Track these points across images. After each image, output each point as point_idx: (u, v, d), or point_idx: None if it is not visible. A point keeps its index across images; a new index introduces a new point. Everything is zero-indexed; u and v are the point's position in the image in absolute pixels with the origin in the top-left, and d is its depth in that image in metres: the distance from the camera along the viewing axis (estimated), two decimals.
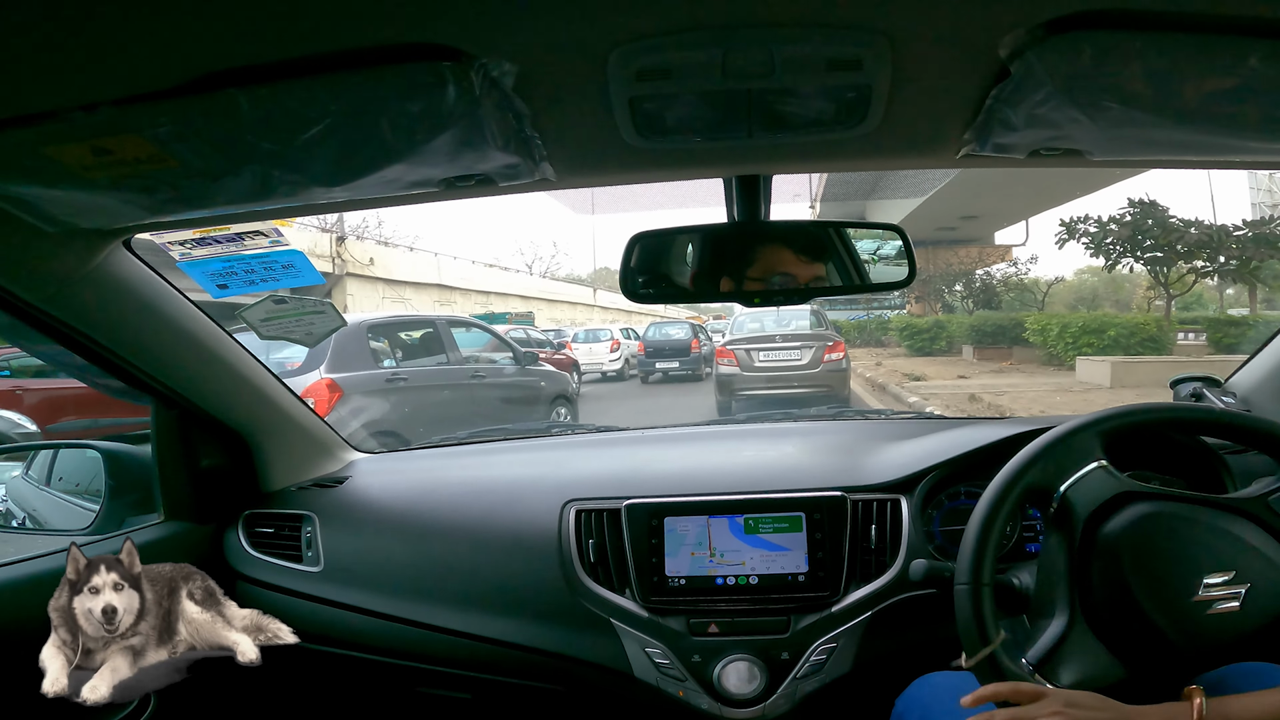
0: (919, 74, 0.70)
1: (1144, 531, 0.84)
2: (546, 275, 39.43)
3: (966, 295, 21.01)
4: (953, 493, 1.26)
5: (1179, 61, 0.64)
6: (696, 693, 1.17)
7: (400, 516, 1.42)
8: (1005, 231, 23.75)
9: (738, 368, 9.25)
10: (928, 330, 18.89)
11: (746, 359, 9.24)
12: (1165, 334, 12.31)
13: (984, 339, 16.70)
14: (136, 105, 0.65)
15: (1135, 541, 0.84)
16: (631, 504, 1.25)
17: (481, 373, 6.69)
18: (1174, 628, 0.81)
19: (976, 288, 20.60)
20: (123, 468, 1.48)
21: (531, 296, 27.44)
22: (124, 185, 0.78)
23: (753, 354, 9.25)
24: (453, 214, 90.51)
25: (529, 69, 0.66)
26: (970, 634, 0.85)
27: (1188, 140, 0.79)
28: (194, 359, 1.25)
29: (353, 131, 0.71)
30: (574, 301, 31.92)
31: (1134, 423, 0.89)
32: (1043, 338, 13.99)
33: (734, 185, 1.00)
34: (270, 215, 0.95)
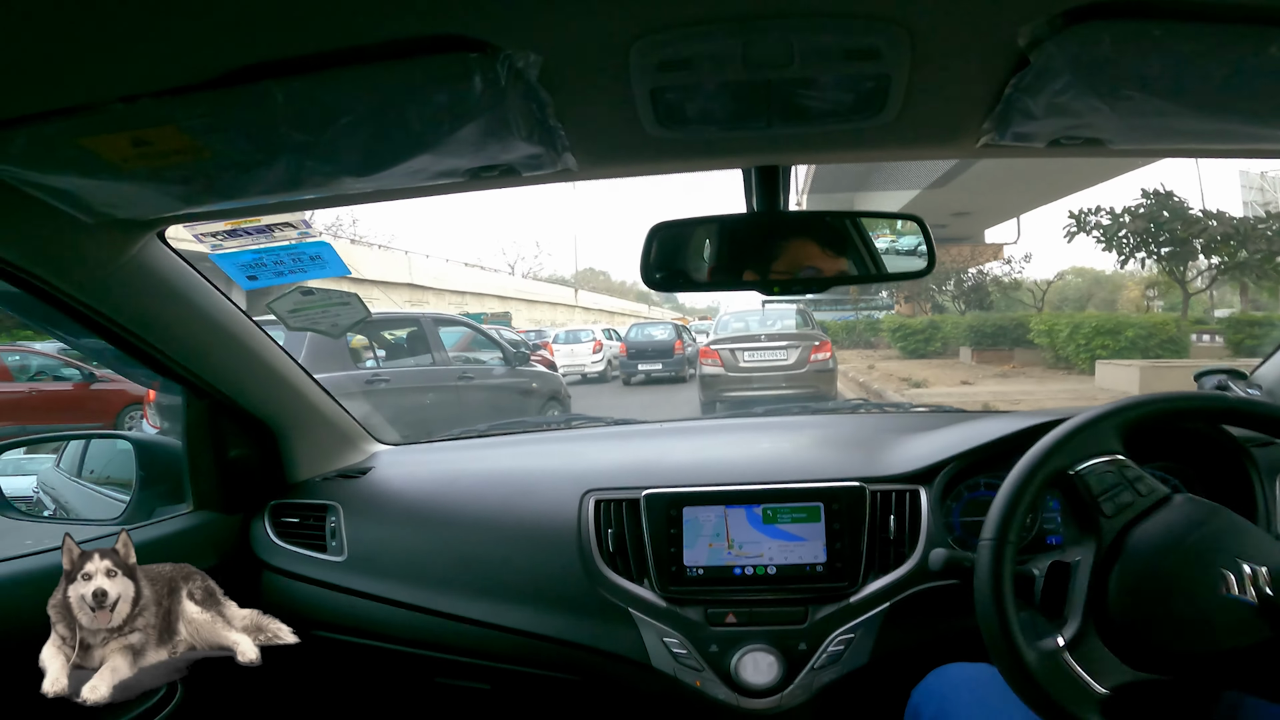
0: (938, 64, 0.70)
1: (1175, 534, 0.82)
2: (529, 275, 39.26)
3: (958, 295, 20.44)
4: (972, 484, 1.26)
5: (1199, 50, 0.65)
6: (714, 683, 1.17)
7: (422, 507, 1.43)
8: (996, 229, 23.05)
9: (722, 368, 9.06)
10: (922, 331, 18.25)
11: (731, 359, 9.06)
12: (1185, 335, 11.86)
13: (983, 340, 16.13)
14: (175, 97, 0.67)
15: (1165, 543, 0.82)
16: (650, 494, 1.26)
17: (470, 374, 6.42)
18: (1192, 610, 0.79)
19: (968, 287, 20.04)
20: (153, 458, 1.50)
21: (510, 296, 26.81)
22: (160, 176, 0.80)
23: (738, 354, 9.07)
24: (433, 214, 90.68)
25: (553, 61, 0.67)
26: (988, 615, 0.84)
27: (1208, 129, 0.79)
28: (225, 350, 1.27)
29: (382, 122, 0.73)
30: (554, 302, 31.29)
31: (1158, 411, 0.88)
32: (1050, 339, 13.41)
33: (753, 175, 1.01)
34: (300, 206, 0.97)
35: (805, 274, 1.06)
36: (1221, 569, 0.77)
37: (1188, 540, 0.80)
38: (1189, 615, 0.78)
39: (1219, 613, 0.77)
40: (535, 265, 44.06)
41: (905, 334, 18.39)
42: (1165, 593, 0.80)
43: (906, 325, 18.81)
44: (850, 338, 20.91)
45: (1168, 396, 0.89)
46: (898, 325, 19.09)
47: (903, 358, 17.44)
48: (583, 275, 57.51)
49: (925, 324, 18.70)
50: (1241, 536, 0.81)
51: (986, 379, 12.47)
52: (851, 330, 21.41)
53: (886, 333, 19.58)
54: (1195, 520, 0.82)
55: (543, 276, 39.90)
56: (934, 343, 17.78)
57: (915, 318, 20.19)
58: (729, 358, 9.07)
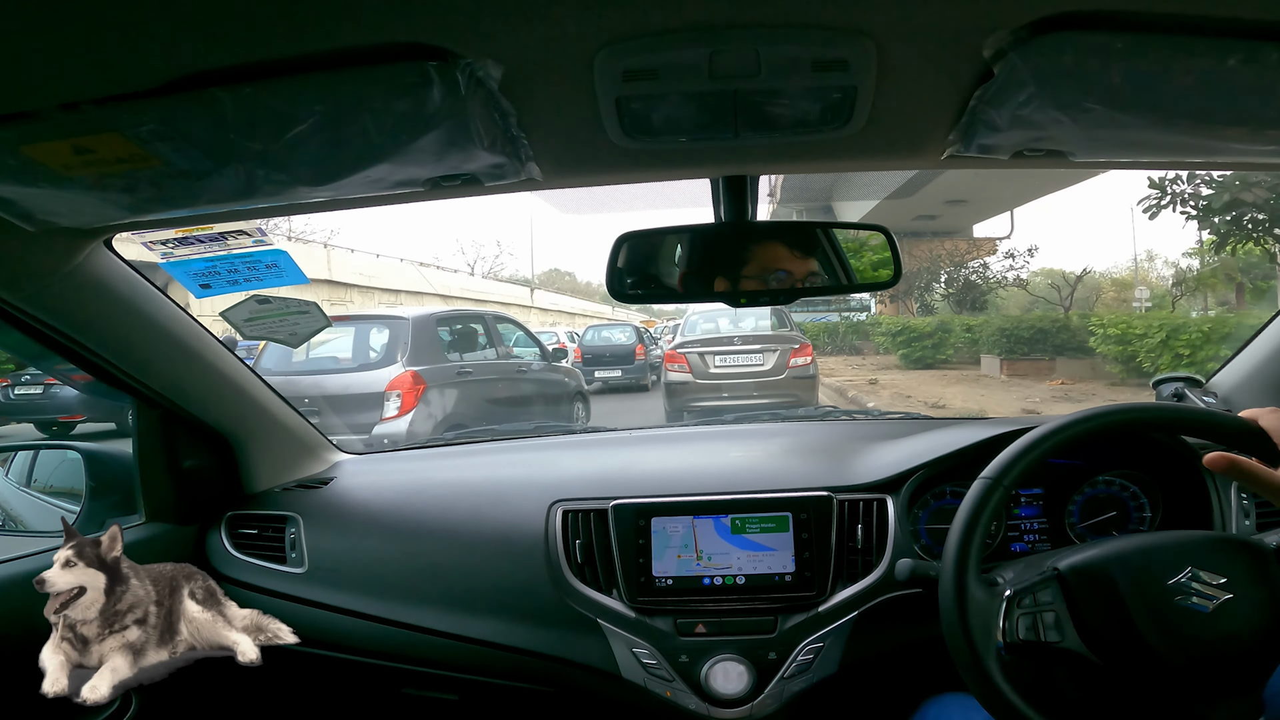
0: (904, 75, 0.70)
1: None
2: (489, 276, 37.51)
3: (949, 293, 18.01)
4: (938, 492, 1.27)
5: (1160, 62, 0.65)
6: (684, 693, 1.17)
7: (386, 517, 1.41)
8: (985, 224, 21.13)
9: (690, 374, 8.03)
10: (929, 335, 15.12)
11: (700, 364, 8.04)
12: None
13: (1016, 347, 12.84)
14: (119, 104, 0.65)
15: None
16: (618, 504, 1.25)
17: (522, 368, 6.79)
18: (1145, 611, 0.80)
19: (962, 285, 17.46)
20: (103, 469, 1.47)
21: (456, 296, 23.97)
22: (105, 184, 0.77)
23: (707, 358, 8.07)
24: (387, 212, 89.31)
25: (516, 69, 0.66)
26: (954, 629, 0.84)
27: (1169, 141, 0.80)
28: (176, 359, 1.24)
29: (338, 131, 0.71)
30: (506, 302, 27.90)
31: (1118, 422, 0.89)
32: (1121, 347, 10.21)
33: (720, 186, 1.00)
34: (254, 215, 0.94)
35: (774, 284, 1.06)
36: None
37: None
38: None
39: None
40: (496, 265, 42.13)
41: (909, 339, 15.17)
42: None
43: (911, 328, 15.59)
44: (833, 343, 18.55)
45: (1124, 408, 0.90)
46: (900, 328, 15.82)
47: (905, 368, 14.78)
48: (547, 276, 56.48)
49: (934, 326, 15.58)
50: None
51: (1046, 400, 9.65)
52: (833, 333, 18.83)
53: (884, 337, 16.61)
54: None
55: (503, 277, 38.26)
56: (944, 349, 14.90)
57: (916, 319, 17.30)
58: (698, 363, 8.09)
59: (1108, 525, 1.24)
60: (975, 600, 0.84)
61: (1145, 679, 0.79)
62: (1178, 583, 0.80)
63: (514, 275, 37.28)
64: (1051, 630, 0.83)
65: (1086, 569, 0.84)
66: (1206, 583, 0.80)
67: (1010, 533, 1.25)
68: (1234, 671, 0.78)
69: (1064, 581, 0.85)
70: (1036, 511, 1.27)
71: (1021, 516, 1.26)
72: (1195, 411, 0.91)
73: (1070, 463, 1.26)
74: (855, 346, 18.49)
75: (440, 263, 33.45)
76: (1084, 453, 1.25)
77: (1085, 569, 0.84)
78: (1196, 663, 0.78)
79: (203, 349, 1.26)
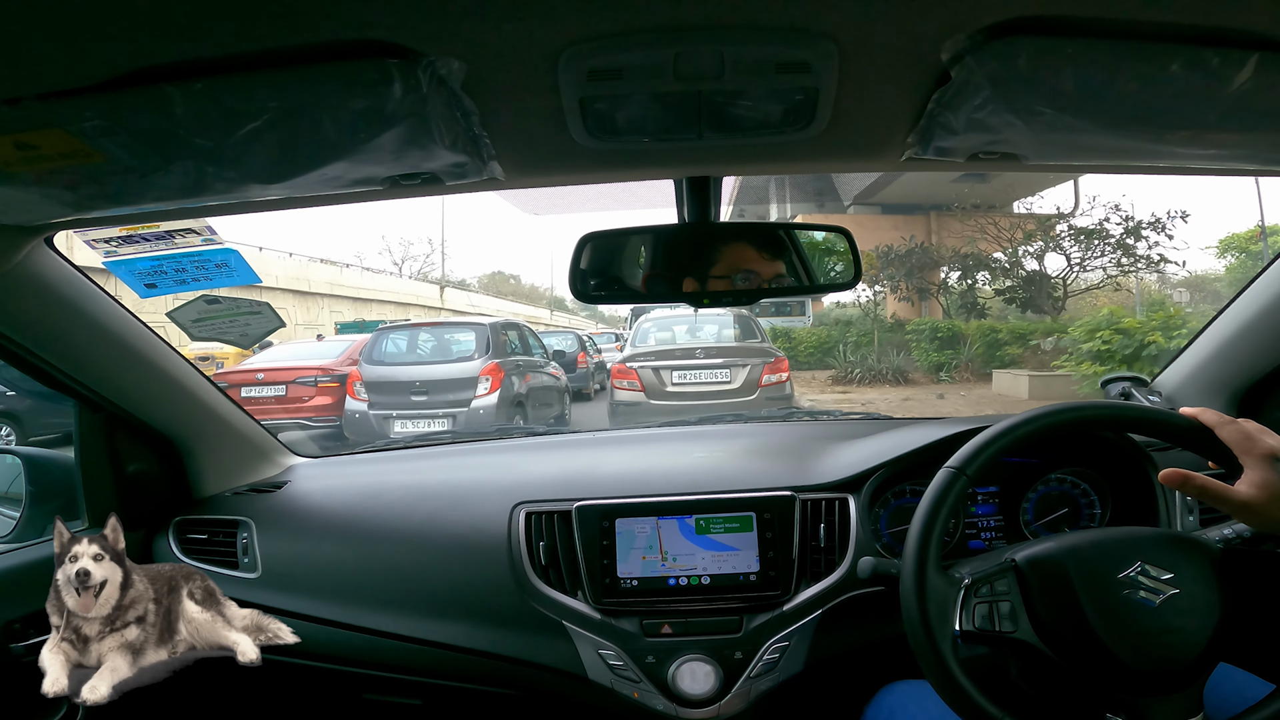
0: (865, 78, 0.71)
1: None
2: (419, 277, 34.85)
3: (1003, 289, 13.73)
4: (899, 491, 1.29)
5: (1108, 68, 0.67)
6: (651, 694, 1.17)
7: (342, 521, 1.38)
8: (1033, 198, 15.64)
9: (642, 393, 6.76)
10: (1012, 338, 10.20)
11: (655, 381, 6.78)
12: None
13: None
14: (62, 99, 0.62)
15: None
16: (582, 506, 1.24)
17: (542, 364, 8.42)
18: (1094, 603, 0.83)
19: (1023, 278, 12.98)
20: (44, 473, 1.41)
21: (365, 298, 22.64)
22: (46, 180, 0.74)
23: (663, 374, 6.83)
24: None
25: (478, 68, 0.65)
26: (912, 614, 0.86)
27: (1118, 146, 0.82)
28: (120, 361, 1.20)
29: (293, 128, 0.69)
30: (416, 304, 25.93)
31: (1068, 420, 0.92)
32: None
33: (684, 186, 1.00)
34: (203, 213, 0.91)
35: (739, 284, 1.06)
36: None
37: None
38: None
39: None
40: (427, 266, 38.22)
41: (935, 340, 10.44)
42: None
43: (946, 329, 10.90)
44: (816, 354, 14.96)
45: (1079, 406, 0.92)
46: (928, 327, 11.08)
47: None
48: (491, 279, 55.03)
49: (983, 331, 10.49)
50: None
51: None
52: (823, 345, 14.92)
53: (917, 344, 11.98)
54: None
55: (432, 279, 34.52)
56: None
57: (926, 319, 13.29)
58: (652, 380, 6.83)
59: (1060, 522, 1.27)
60: (934, 587, 0.86)
61: (1092, 671, 0.82)
62: (1127, 576, 0.83)
63: (445, 277, 34.80)
64: (1006, 620, 0.85)
65: (1041, 561, 0.87)
66: (1154, 578, 0.83)
67: (968, 530, 1.28)
68: (1177, 666, 0.81)
69: (1020, 573, 0.87)
70: (993, 509, 1.29)
71: (978, 514, 1.29)
72: (1145, 410, 0.94)
73: (1025, 461, 1.29)
74: (825, 363, 14.81)
75: (364, 262, 32.28)
76: (1038, 450, 1.28)
77: (1040, 561, 0.87)
78: (1142, 656, 0.80)
79: (148, 350, 1.22)
